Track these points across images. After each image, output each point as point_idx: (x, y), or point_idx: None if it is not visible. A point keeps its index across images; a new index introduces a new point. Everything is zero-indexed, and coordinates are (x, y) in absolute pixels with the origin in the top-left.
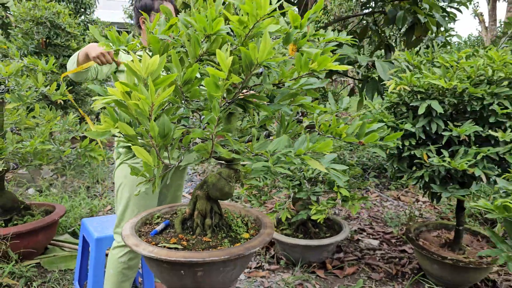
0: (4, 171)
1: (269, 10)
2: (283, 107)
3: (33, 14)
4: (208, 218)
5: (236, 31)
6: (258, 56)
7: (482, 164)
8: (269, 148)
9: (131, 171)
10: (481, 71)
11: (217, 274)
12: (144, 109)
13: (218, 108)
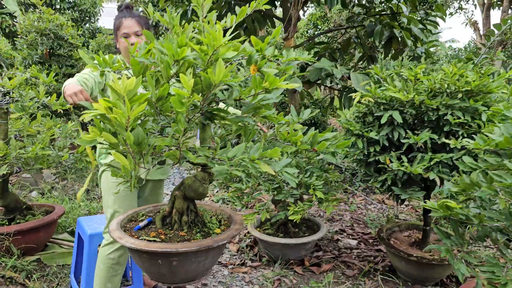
0: (8, 175)
1: (224, 41)
2: (246, 118)
3: (37, 26)
4: (185, 215)
5: (200, 57)
6: (215, 79)
7: (437, 169)
8: (229, 154)
9: (112, 173)
10: (437, 85)
11: (190, 264)
12: (121, 121)
13: (183, 121)
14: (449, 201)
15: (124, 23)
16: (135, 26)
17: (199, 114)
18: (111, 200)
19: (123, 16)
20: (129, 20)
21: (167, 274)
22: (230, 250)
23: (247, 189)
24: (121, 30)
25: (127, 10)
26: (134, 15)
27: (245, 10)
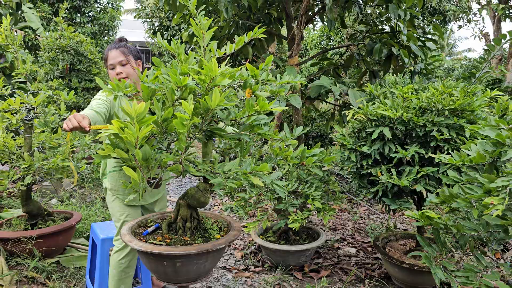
0: (31, 183)
1: (220, 72)
2: (242, 136)
3: (59, 44)
4: (189, 222)
5: (200, 84)
6: (211, 104)
7: (424, 182)
8: (225, 168)
9: (123, 184)
10: (425, 103)
11: (192, 265)
12: (131, 140)
13: (184, 140)
14: (429, 211)
15: (110, 55)
16: (120, 57)
17: (200, 133)
18: (118, 213)
19: (110, 48)
20: (114, 51)
21: (171, 274)
22: (235, 256)
23: (251, 199)
24: (108, 62)
25: (116, 42)
26: (120, 46)
27: (243, 39)
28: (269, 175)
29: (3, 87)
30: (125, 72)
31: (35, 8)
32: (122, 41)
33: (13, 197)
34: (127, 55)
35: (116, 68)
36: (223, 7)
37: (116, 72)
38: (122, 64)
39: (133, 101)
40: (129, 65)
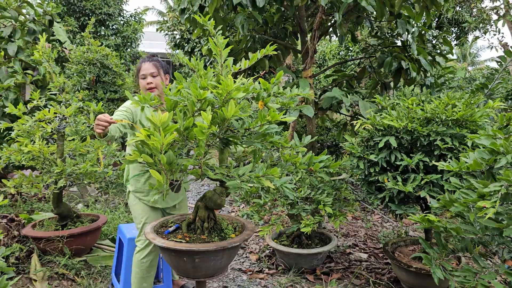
0: (63, 187)
1: (235, 86)
2: (255, 143)
3: (86, 57)
4: (206, 222)
5: (217, 97)
6: (227, 115)
7: (428, 188)
8: (240, 172)
9: (149, 185)
10: (429, 114)
11: (210, 261)
12: (157, 146)
13: (203, 146)
14: (429, 215)
15: (143, 66)
16: (152, 69)
17: (217, 140)
18: (140, 215)
19: (143, 61)
20: (147, 63)
21: (191, 269)
22: (250, 259)
23: (266, 205)
24: (141, 72)
25: (149, 56)
26: (153, 60)
27: (256, 56)
28: (280, 179)
29: (38, 99)
30: (155, 82)
31: (62, 22)
32: (154, 56)
33: (42, 201)
34: (158, 68)
35: (147, 78)
36: (240, 23)
37: (146, 82)
38: (153, 76)
39: (157, 111)
40: (158, 77)
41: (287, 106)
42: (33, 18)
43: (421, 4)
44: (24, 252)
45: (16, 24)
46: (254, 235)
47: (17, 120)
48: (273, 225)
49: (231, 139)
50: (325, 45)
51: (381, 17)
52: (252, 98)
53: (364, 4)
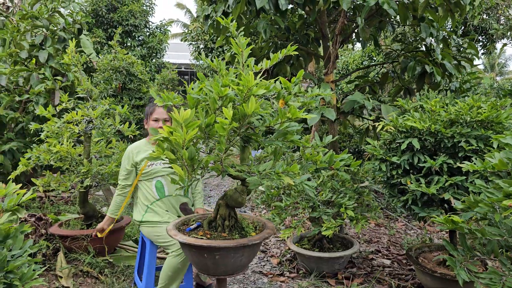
0: (89, 187)
1: (255, 82)
2: (275, 142)
3: (113, 65)
4: (227, 220)
5: (238, 94)
6: (248, 111)
7: (452, 190)
8: (260, 168)
9: (171, 180)
10: (453, 115)
11: (230, 258)
12: (179, 142)
13: (224, 142)
14: (454, 216)
15: (157, 110)
16: (165, 115)
17: (238, 138)
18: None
19: (156, 104)
20: (162, 109)
21: (211, 266)
22: (271, 263)
23: (288, 207)
24: (154, 115)
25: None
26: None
27: (277, 56)
28: (300, 177)
29: (67, 101)
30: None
31: (90, 34)
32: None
33: (69, 203)
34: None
35: (159, 122)
36: (262, 28)
37: (158, 126)
38: (166, 120)
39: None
40: (169, 123)
41: (308, 105)
42: (63, 26)
43: (444, 7)
44: (50, 249)
45: (47, 32)
46: (275, 239)
47: (47, 122)
48: (294, 228)
49: (252, 137)
50: (348, 55)
51: (404, 21)
52: (273, 98)
53: (386, 7)
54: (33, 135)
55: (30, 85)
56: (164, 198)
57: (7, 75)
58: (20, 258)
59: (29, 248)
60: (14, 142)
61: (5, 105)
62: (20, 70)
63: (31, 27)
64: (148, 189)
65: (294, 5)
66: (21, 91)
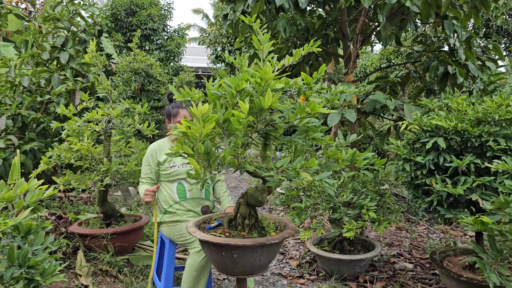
0: (108, 186)
1: (273, 75)
2: (295, 139)
3: (132, 66)
4: (247, 219)
5: (256, 88)
6: (264, 104)
7: (480, 191)
8: (277, 164)
9: (187, 175)
10: (480, 114)
11: (248, 257)
12: (196, 135)
13: (240, 136)
14: (483, 217)
15: (181, 112)
16: (190, 117)
17: (257, 134)
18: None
19: (181, 107)
20: (186, 111)
21: (229, 264)
22: (290, 265)
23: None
24: (177, 118)
25: (188, 103)
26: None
27: (300, 52)
28: (320, 174)
29: (87, 101)
30: None
31: (110, 38)
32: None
33: (88, 204)
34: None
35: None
36: (282, 27)
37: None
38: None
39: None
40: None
41: (331, 103)
42: (84, 28)
43: (469, 5)
44: (70, 248)
45: (68, 34)
46: (294, 241)
47: (67, 121)
48: (314, 229)
49: (271, 133)
50: (365, 58)
51: (427, 18)
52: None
53: (408, 5)
54: (54, 136)
55: (51, 86)
56: (185, 201)
57: (29, 76)
58: (41, 253)
59: (49, 244)
60: (35, 142)
61: (27, 106)
62: (42, 71)
63: (52, 29)
64: (169, 191)
65: (314, 4)
66: (42, 92)
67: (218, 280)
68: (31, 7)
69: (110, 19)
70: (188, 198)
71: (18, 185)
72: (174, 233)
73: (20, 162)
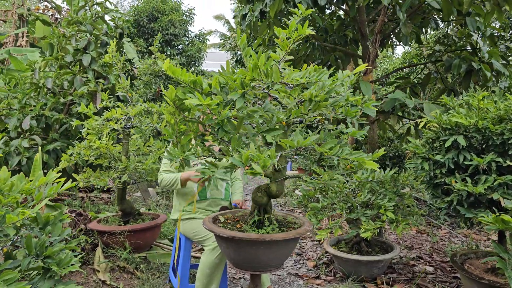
0: (126, 184)
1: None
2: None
3: (152, 69)
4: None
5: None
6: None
7: (502, 190)
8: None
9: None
10: (502, 111)
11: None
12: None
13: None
14: (504, 215)
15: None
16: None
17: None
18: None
19: None
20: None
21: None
22: (307, 266)
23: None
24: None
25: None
26: None
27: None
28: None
29: (107, 100)
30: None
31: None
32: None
33: (108, 203)
34: None
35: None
36: None
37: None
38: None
39: None
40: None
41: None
42: (106, 31)
43: (491, 2)
44: (89, 244)
45: (91, 37)
46: (311, 242)
47: (88, 120)
48: (331, 229)
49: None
50: (388, 62)
51: (448, 16)
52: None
53: (429, 0)
54: (76, 136)
55: (74, 87)
56: (203, 201)
57: (53, 78)
58: (58, 244)
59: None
60: (58, 142)
61: (50, 107)
62: (65, 73)
63: (76, 32)
64: (188, 189)
65: (333, 3)
66: (65, 93)
67: (234, 279)
68: (57, 14)
69: (132, 25)
70: (208, 197)
71: (37, 178)
72: (189, 230)
73: (43, 161)
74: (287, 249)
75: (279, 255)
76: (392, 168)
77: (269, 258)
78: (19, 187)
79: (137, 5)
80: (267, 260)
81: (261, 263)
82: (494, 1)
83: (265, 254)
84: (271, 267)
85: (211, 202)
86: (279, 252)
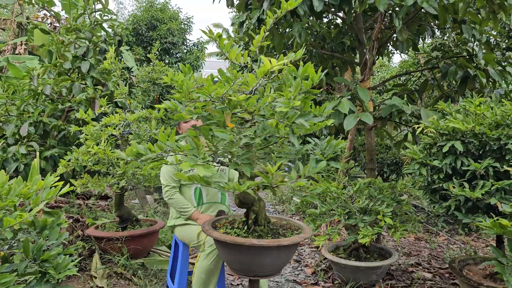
0: (124, 190)
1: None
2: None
3: (151, 76)
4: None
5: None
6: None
7: (499, 195)
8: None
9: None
10: (499, 116)
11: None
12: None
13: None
14: (502, 219)
15: (191, 121)
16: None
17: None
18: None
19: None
20: (194, 120)
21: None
22: (305, 272)
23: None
24: (191, 123)
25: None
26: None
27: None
28: None
29: (106, 106)
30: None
31: (131, 51)
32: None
33: (105, 210)
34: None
35: (191, 122)
36: (297, 32)
37: (191, 124)
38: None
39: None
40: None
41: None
42: (105, 38)
43: (487, 9)
44: (86, 250)
45: (89, 44)
46: (310, 249)
47: (86, 125)
48: (329, 235)
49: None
50: (385, 71)
51: (444, 23)
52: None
53: (425, 6)
54: (74, 143)
55: (72, 94)
56: (201, 206)
57: (51, 85)
58: (56, 248)
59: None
60: (56, 148)
61: (48, 113)
62: (64, 80)
63: (74, 39)
64: (186, 195)
65: (329, 11)
66: (64, 100)
67: (232, 285)
68: (56, 22)
69: (131, 34)
70: (205, 202)
71: (35, 182)
72: (186, 235)
73: (40, 168)
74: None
75: (276, 260)
76: (390, 175)
77: (272, 263)
78: (17, 191)
79: (136, 14)
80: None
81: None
82: (490, 8)
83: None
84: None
85: (208, 207)
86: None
